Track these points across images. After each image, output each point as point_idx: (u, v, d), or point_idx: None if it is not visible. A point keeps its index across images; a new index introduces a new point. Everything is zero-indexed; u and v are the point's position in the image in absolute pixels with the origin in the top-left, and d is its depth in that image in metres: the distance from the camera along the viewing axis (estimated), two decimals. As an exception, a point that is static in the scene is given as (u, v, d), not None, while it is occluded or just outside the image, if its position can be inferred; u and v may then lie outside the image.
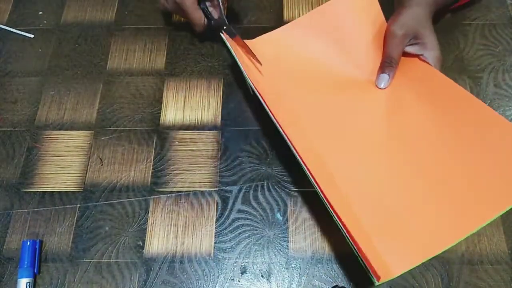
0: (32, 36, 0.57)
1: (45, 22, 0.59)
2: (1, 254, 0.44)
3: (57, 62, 0.56)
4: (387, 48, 0.47)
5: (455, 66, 0.53)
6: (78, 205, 0.47)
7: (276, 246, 0.44)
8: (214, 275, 0.43)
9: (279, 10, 0.58)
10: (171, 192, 0.47)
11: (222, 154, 0.49)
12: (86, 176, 0.48)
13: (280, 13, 0.58)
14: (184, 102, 0.52)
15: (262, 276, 0.43)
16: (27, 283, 0.42)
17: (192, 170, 0.48)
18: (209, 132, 0.50)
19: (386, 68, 0.48)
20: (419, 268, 0.43)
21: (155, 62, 0.55)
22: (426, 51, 0.47)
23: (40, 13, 0.59)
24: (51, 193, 0.47)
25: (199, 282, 0.43)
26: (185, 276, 0.43)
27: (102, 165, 0.49)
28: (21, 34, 0.57)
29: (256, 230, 0.45)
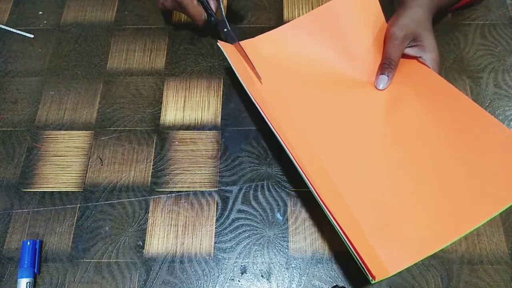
0: (32, 36, 0.57)
1: (45, 22, 0.59)
2: (1, 254, 0.44)
3: (57, 62, 0.56)
4: (387, 50, 0.47)
5: (455, 66, 0.53)
6: (78, 205, 0.47)
7: (276, 246, 0.44)
8: (214, 275, 0.43)
9: (279, 10, 0.58)
10: (171, 192, 0.47)
11: (222, 154, 0.49)
12: (86, 176, 0.48)
13: (280, 13, 0.58)
14: (184, 102, 0.52)
15: (262, 276, 0.43)
16: (27, 283, 0.42)
17: (192, 170, 0.48)
18: (209, 132, 0.50)
19: (385, 69, 0.48)
20: (419, 268, 0.43)
21: (155, 62, 0.55)
22: (425, 53, 0.47)
23: (40, 13, 0.59)
24: (51, 193, 0.47)
25: (199, 282, 0.43)
26: (185, 276, 0.43)
27: (102, 165, 0.49)
28: (21, 34, 0.57)
29: (256, 230, 0.45)
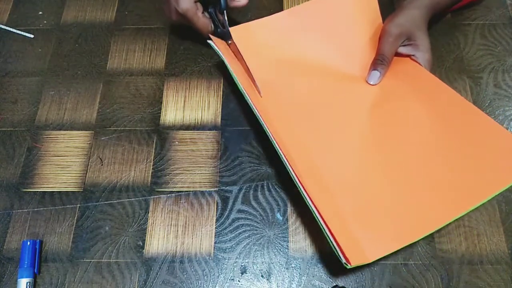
0: (32, 36, 0.57)
1: (45, 22, 0.59)
2: (1, 254, 0.44)
3: (57, 62, 0.56)
4: (381, 46, 0.48)
5: (455, 66, 0.53)
6: (78, 205, 0.47)
7: (276, 246, 0.44)
8: (214, 275, 0.43)
9: (279, 10, 0.58)
10: (171, 192, 0.47)
11: (222, 154, 0.49)
12: (86, 176, 0.48)
13: (280, 13, 0.58)
14: (184, 102, 0.52)
15: (262, 276, 0.43)
16: (27, 283, 0.42)
17: (192, 170, 0.48)
18: (209, 132, 0.50)
19: (378, 65, 0.48)
20: (419, 268, 0.43)
21: (155, 62, 0.55)
22: (418, 52, 0.47)
23: (40, 13, 0.59)
24: (51, 193, 0.47)
25: (199, 282, 0.43)
26: (185, 276, 0.43)
27: (102, 165, 0.49)
28: (21, 34, 0.57)
29: (256, 230, 0.45)
